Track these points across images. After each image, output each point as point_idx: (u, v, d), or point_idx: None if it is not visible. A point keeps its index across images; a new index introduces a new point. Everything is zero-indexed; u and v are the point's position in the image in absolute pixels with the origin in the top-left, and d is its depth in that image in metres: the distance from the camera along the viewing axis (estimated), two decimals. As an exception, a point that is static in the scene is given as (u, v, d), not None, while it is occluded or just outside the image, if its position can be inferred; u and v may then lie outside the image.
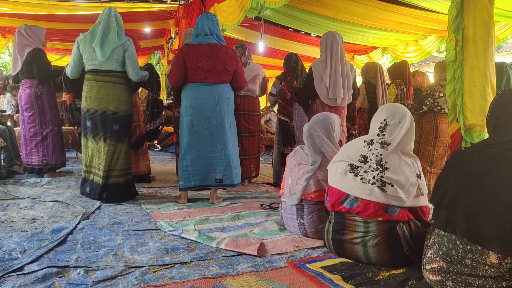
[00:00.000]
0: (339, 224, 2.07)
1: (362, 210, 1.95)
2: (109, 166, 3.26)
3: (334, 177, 2.12)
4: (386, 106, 2.15)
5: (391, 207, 1.92)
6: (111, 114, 3.24)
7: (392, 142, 2.00)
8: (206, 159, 3.22)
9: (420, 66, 10.73)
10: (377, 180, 1.93)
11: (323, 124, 2.56)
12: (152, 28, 7.45)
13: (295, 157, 2.59)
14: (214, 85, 3.19)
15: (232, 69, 3.26)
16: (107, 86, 3.23)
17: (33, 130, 4.12)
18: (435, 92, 3.78)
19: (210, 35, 3.23)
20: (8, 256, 1.97)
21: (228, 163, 3.26)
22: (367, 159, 2.01)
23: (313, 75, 3.51)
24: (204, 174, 3.24)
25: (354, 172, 2.01)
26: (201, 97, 3.17)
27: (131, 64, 3.25)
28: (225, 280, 1.78)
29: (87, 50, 3.22)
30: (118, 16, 3.32)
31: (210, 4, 5.16)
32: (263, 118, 7.78)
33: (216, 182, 3.26)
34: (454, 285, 1.56)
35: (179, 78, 3.19)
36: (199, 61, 3.13)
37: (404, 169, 1.95)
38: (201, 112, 3.17)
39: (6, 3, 5.57)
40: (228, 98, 3.28)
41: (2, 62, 16.23)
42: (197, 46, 3.18)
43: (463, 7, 2.34)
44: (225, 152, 3.24)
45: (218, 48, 3.20)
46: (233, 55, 3.28)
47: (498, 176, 1.52)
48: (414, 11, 4.64)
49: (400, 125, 2.03)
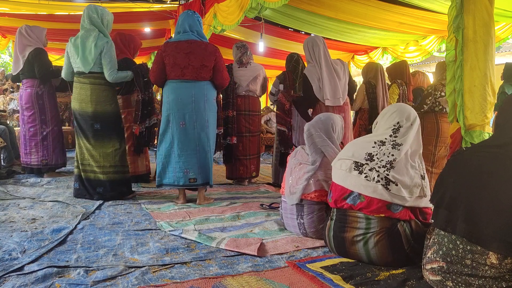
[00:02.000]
0: (341, 220, 2.08)
1: (365, 206, 1.97)
2: (100, 163, 3.31)
3: (338, 173, 2.12)
4: (398, 108, 2.13)
5: (394, 204, 1.94)
6: (90, 115, 3.30)
7: (404, 143, 2.02)
8: (180, 157, 3.18)
9: (420, 66, 10.72)
10: (381, 178, 1.95)
11: (324, 124, 2.56)
12: (152, 28, 7.44)
13: (296, 157, 2.60)
14: (192, 82, 3.16)
15: (211, 65, 3.19)
16: (86, 88, 3.31)
17: (33, 129, 4.12)
18: (436, 91, 3.77)
19: (190, 32, 3.21)
20: (8, 256, 1.97)
21: (202, 163, 3.21)
22: (373, 157, 2.02)
23: (309, 80, 3.53)
24: (178, 173, 3.20)
25: (359, 170, 2.02)
26: (178, 93, 3.16)
27: (106, 65, 3.26)
28: (225, 280, 1.78)
29: (72, 53, 3.29)
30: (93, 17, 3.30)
31: (210, 4, 5.15)
32: (263, 118, 7.79)
33: (190, 182, 3.21)
34: (454, 285, 1.56)
35: (157, 76, 3.21)
36: (176, 58, 3.12)
37: (409, 170, 1.97)
38: (177, 108, 3.15)
39: (6, 3, 5.57)
40: (206, 95, 3.21)
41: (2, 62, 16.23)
42: (176, 43, 3.17)
43: (463, 7, 2.34)
44: (199, 150, 3.20)
45: (197, 44, 3.17)
46: (212, 51, 3.21)
47: (498, 177, 1.52)
48: (414, 11, 4.63)
49: (412, 128, 2.06)
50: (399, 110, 2.11)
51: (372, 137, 2.14)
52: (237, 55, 4.27)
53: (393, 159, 1.97)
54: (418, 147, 2.09)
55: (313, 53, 3.56)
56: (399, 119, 2.07)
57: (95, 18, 3.31)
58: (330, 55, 3.67)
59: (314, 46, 3.54)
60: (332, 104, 3.52)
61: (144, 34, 7.51)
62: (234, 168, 4.31)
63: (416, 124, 2.09)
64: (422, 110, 3.85)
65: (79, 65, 3.26)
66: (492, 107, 2.36)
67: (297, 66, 4.26)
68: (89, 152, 3.32)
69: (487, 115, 2.33)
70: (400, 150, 2.00)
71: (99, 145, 3.32)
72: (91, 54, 3.22)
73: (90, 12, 3.31)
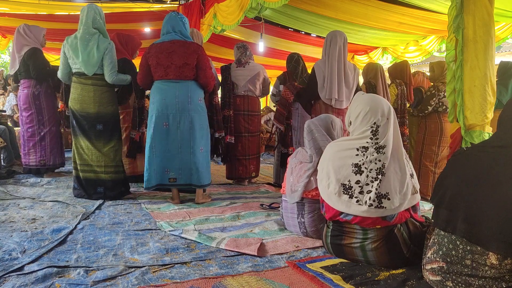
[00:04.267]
0: (338, 230, 2.07)
1: (360, 221, 1.95)
2: (101, 162, 3.32)
3: (327, 194, 2.04)
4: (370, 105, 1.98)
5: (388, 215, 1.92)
6: (93, 115, 3.31)
7: (387, 144, 1.95)
8: (162, 157, 3.17)
9: (421, 66, 10.72)
10: (373, 200, 1.89)
11: (324, 122, 2.58)
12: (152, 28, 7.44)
13: (296, 157, 2.61)
14: (176, 82, 3.15)
15: (193, 63, 3.16)
16: (88, 89, 3.30)
17: (31, 130, 4.12)
18: (440, 92, 3.76)
19: (172, 32, 3.22)
20: (8, 256, 1.97)
21: (185, 163, 3.19)
22: (361, 168, 1.94)
23: (316, 76, 3.49)
24: (161, 173, 3.19)
25: (348, 194, 1.95)
26: (162, 93, 3.16)
27: (106, 66, 3.27)
28: (225, 280, 1.78)
29: (71, 54, 3.27)
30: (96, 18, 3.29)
31: (210, 4, 5.15)
32: (263, 118, 7.78)
33: (170, 182, 3.20)
34: (454, 286, 1.56)
35: (143, 78, 3.23)
36: (159, 58, 3.13)
37: (400, 173, 1.93)
38: (162, 108, 3.15)
39: (6, 3, 5.57)
40: (190, 96, 3.18)
41: (2, 62, 16.22)
42: (159, 44, 3.19)
43: (463, 7, 2.34)
44: (182, 152, 3.18)
45: (180, 44, 3.17)
46: (195, 49, 3.18)
47: (499, 177, 1.52)
48: (414, 11, 4.64)
49: (389, 122, 1.97)
50: (372, 108, 1.98)
51: (351, 142, 2.03)
52: (237, 55, 4.28)
53: (382, 165, 1.92)
54: (398, 141, 2.00)
55: (328, 48, 3.43)
56: (375, 118, 1.96)
57: (98, 20, 3.32)
58: (347, 54, 3.54)
59: (332, 41, 3.43)
60: (332, 105, 3.50)
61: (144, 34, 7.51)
62: (233, 168, 4.31)
63: (392, 116, 1.98)
64: (426, 111, 3.84)
65: (80, 66, 3.26)
66: (492, 107, 2.36)
67: (297, 66, 4.26)
68: (90, 152, 3.32)
69: (487, 115, 2.33)
70: (385, 153, 1.93)
71: (100, 145, 3.33)
72: (94, 57, 3.22)
73: (93, 13, 3.29)
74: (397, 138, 2.00)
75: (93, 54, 3.22)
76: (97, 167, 3.32)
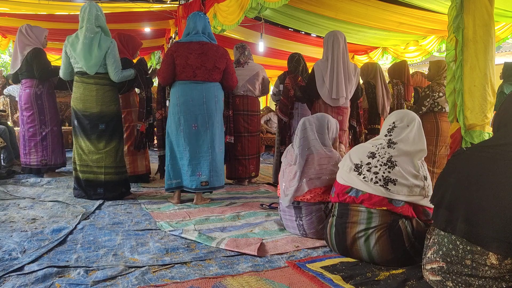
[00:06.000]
0: (343, 216, 2.09)
1: (367, 198, 2.00)
2: (101, 163, 3.30)
3: (340, 173, 2.20)
4: (397, 111, 2.27)
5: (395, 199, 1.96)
6: (96, 115, 3.30)
7: (399, 142, 2.07)
8: (192, 160, 3.17)
9: (421, 66, 10.72)
10: (379, 179, 1.98)
11: (319, 120, 2.59)
12: (152, 28, 7.45)
13: (286, 157, 2.61)
14: (203, 83, 3.16)
15: (223, 67, 3.23)
16: (91, 88, 3.29)
17: (32, 130, 4.12)
18: (434, 92, 3.77)
19: (201, 33, 3.22)
20: (8, 256, 1.97)
21: (214, 165, 3.20)
22: (375, 155, 2.09)
23: (315, 75, 3.50)
24: (189, 176, 3.18)
25: (358, 171, 2.08)
26: (189, 95, 3.15)
27: (110, 65, 3.26)
28: (225, 280, 1.78)
29: (73, 54, 3.26)
30: (98, 15, 3.28)
31: (210, 4, 5.15)
32: (263, 118, 7.77)
33: (202, 186, 3.18)
34: (454, 286, 1.56)
35: (167, 76, 3.19)
36: (188, 58, 3.11)
37: (411, 169, 1.99)
38: (188, 110, 3.14)
39: (6, 3, 5.56)
40: (216, 96, 3.23)
41: (2, 62, 16.22)
42: (187, 44, 3.17)
43: (463, 7, 2.34)
44: (211, 152, 3.19)
45: (209, 46, 3.18)
46: (223, 53, 3.24)
47: (498, 177, 1.52)
48: (414, 11, 4.64)
49: (408, 128, 2.12)
50: (397, 112, 2.24)
51: (372, 141, 2.23)
52: (236, 55, 4.30)
53: (391, 156, 2.03)
54: (419, 149, 2.07)
55: (331, 49, 3.45)
56: (395, 119, 2.18)
57: (101, 17, 3.30)
58: (348, 53, 3.58)
59: (335, 41, 3.45)
60: (333, 104, 3.50)
61: (144, 34, 7.52)
62: (233, 168, 4.31)
63: (413, 125, 2.13)
64: (421, 112, 3.85)
65: (82, 65, 3.24)
66: (492, 107, 2.36)
67: (298, 66, 4.26)
68: (90, 152, 3.30)
69: (487, 115, 2.33)
70: (395, 149, 2.05)
71: (101, 145, 3.31)
72: (96, 56, 3.21)
73: (95, 10, 3.26)
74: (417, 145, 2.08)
75: (95, 53, 3.21)
76: (96, 168, 3.31)
